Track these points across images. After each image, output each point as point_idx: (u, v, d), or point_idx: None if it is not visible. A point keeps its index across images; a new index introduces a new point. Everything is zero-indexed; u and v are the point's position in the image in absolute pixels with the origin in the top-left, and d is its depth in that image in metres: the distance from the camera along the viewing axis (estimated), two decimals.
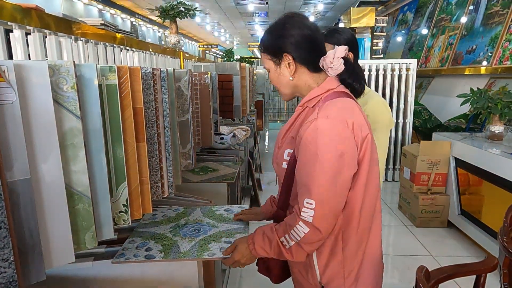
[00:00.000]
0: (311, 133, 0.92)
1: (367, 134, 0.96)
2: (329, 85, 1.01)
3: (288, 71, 1.02)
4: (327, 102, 0.97)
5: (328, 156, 0.90)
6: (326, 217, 0.92)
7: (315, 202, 0.90)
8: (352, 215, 0.98)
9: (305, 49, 1.00)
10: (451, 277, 1.09)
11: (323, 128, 0.91)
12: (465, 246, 2.78)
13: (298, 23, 1.00)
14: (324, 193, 0.90)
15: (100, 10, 9.98)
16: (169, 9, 3.08)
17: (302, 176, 0.95)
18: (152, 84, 1.16)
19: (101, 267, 1.12)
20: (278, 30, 1.02)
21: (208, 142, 1.98)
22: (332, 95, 0.99)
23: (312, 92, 1.02)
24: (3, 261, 0.72)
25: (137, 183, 1.07)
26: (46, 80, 0.79)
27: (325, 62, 1.00)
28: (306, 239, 0.94)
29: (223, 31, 17.44)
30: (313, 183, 0.91)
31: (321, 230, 0.92)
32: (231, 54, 12.06)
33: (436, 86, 5.08)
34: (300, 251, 0.97)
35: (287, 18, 1.03)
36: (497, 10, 3.98)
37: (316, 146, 0.90)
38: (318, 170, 0.90)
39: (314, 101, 1.01)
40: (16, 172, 0.75)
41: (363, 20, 4.82)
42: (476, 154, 2.65)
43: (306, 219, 0.92)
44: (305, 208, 0.92)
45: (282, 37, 1.01)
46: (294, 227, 0.95)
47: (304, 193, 0.93)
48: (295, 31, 0.99)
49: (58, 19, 1.52)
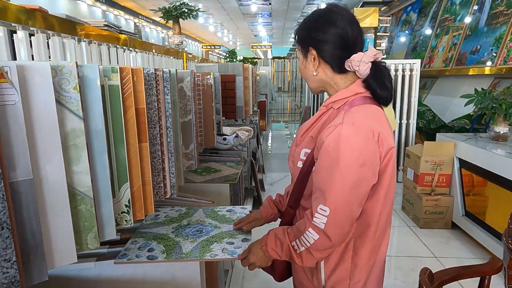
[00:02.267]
0: (334, 138, 0.88)
1: (392, 147, 0.92)
2: (358, 88, 0.96)
3: (312, 65, 1.00)
4: (354, 107, 0.93)
5: (349, 165, 0.86)
6: (339, 225, 0.90)
7: (329, 209, 0.88)
8: (368, 226, 0.95)
9: (332, 47, 0.95)
10: (455, 279, 1.08)
11: (347, 135, 0.87)
12: (470, 247, 2.76)
13: (332, 19, 0.95)
14: (340, 202, 0.88)
15: (104, 11, 10.04)
16: (172, 10, 3.08)
17: (319, 180, 0.92)
18: (154, 84, 1.16)
19: (104, 267, 1.12)
20: (310, 22, 0.99)
21: (211, 143, 1.98)
22: (360, 100, 0.95)
23: (339, 93, 0.98)
24: (6, 261, 0.72)
25: (140, 183, 1.07)
26: (49, 81, 0.79)
27: (351, 64, 0.95)
28: (316, 246, 0.92)
29: (226, 32, 17.47)
30: (330, 190, 0.88)
31: (331, 238, 0.90)
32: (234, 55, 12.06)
33: (440, 86, 5.06)
34: (310, 257, 0.95)
35: (325, 11, 0.98)
36: (502, 10, 3.96)
37: (337, 153, 0.87)
38: (337, 178, 0.87)
39: (340, 103, 0.97)
40: (18, 173, 0.75)
41: (366, 21, 4.80)
42: (481, 155, 2.63)
43: (318, 225, 0.90)
44: (318, 214, 0.90)
45: (311, 30, 0.98)
46: (304, 233, 0.93)
47: (319, 198, 0.90)
48: (325, 26, 0.95)
49: (62, 20, 1.52)
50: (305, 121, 1.10)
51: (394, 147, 0.93)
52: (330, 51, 0.96)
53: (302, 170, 1.00)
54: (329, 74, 0.99)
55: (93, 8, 9.54)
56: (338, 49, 0.96)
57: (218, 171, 2.20)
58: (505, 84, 3.69)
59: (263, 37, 19.15)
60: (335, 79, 0.99)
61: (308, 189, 1.00)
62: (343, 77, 0.99)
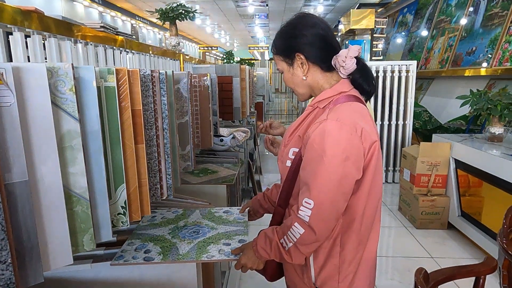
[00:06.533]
0: (318, 133, 0.91)
1: (375, 141, 0.95)
2: (342, 87, 1.01)
3: (301, 70, 1.03)
4: (338, 104, 0.97)
5: (333, 159, 0.89)
6: (323, 219, 0.92)
7: (313, 202, 0.91)
8: (353, 221, 0.98)
9: (317, 48, 1.00)
10: (450, 279, 1.09)
11: (331, 130, 0.90)
12: (466, 247, 2.78)
13: (309, 23, 1.00)
14: (323, 195, 0.90)
15: (101, 13, 10.02)
16: (169, 11, 3.08)
17: (304, 174, 0.95)
18: (151, 86, 1.16)
19: (100, 269, 1.12)
20: (289, 30, 1.03)
21: (208, 144, 1.98)
22: (344, 98, 0.99)
23: (323, 93, 1.02)
24: (1, 263, 0.72)
25: (136, 185, 1.07)
26: (45, 82, 0.79)
27: (337, 61, 0.99)
28: (302, 240, 0.94)
29: (223, 33, 17.48)
30: (314, 184, 0.91)
31: (315, 231, 0.92)
32: (231, 56, 12.07)
33: (436, 87, 5.08)
34: (298, 253, 0.97)
35: (298, 19, 1.03)
36: (497, 11, 3.99)
37: (322, 147, 0.90)
38: (321, 171, 0.90)
39: (325, 102, 1.01)
40: (14, 174, 0.75)
41: (362, 22, 4.82)
42: (476, 155, 2.65)
43: (303, 218, 0.92)
44: (303, 207, 0.92)
45: (294, 37, 1.01)
46: (290, 228, 0.95)
47: (305, 192, 0.93)
48: (307, 30, 0.99)
49: (58, 22, 1.52)
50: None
51: (377, 140, 0.96)
52: (317, 52, 1.00)
53: (291, 169, 1.02)
54: (319, 75, 1.03)
55: (90, 9, 9.52)
56: (323, 49, 1.00)
57: (215, 172, 2.20)
58: (501, 85, 3.72)
59: (260, 39, 19.18)
60: (321, 81, 1.03)
61: (297, 187, 1.02)
62: (328, 77, 1.03)
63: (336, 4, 9.98)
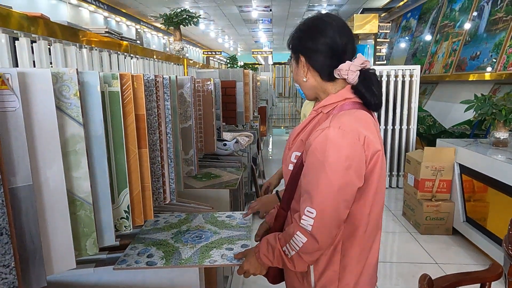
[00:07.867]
0: (321, 141, 0.90)
1: (378, 150, 0.94)
2: (347, 93, 0.99)
3: (303, 71, 1.03)
4: (342, 111, 0.96)
5: (334, 167, 0.88)
6: (325, 228, 0.91)
7: (316, 211, 0.90)
8: (356, 229, 0.97)
9: (320, 56, 0.98)
10: (455, 286, 1.08)
11: (333, 138, 0.89)
12: (471, 253, 2.75)
13: (320, 28, 0.98)
14: (326, 204, 0.89)
15: (106, 18, 10.12)
16: (173, 16, 3.11)
17: (306, 183, 0.94)
18: (154, 91, 1.16)
19: (103, 273, 1.12)
20: (301, 30, 1.02)
21: (211, 148, 1.98)
22: (349, 105, 0.97)
23: (328, 98, 1.00)
24: (4, 267, 0.72)
25: (139, 189, 1.07)
26: (49, 87, 0.79)
27: (340, 73, 0.97)
28: (304, 249, 0.93)
29: (227, 38, 17.56)
30: (316, 192, 0.90)
31: (318, 240, 0.91)
32: (234, 61, 12.12)
33: (440, 92, 5.06)
34: (300, 261, 0.96)
35: (312, 20, 1.01)
36: (501, 16, 3.98)
37: (324, 155, 0.89)
38: (322, 180, 0.89)
39: (329, 107, 1.00)
40: (18, 179, 0.76)
41: (366, 27, 4.83)
42: (481, 160, 2.63)
43: (305, 227, 0.92)
44: (305, 216, 0.92)
45: (301, 39, 1.01)
46: (293, 237, 0.95)
47: (306, 200, 0.93)
48: (315, 36, 0.98)
49: (63, 27, 1.54)
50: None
51: (380, 150, 0.94)
52: (319, 60, 0.99)
53: (293, 173, 1.02)
54: (318, 81, 1.02)
55: (95, 14, 9.62)
56: (327, 58, 0.98)
57: (218, 177, 2.20)
58: (505, 90, 3.70)
59: (263, 43, 19.25)
60: (325, 86, 1.02)
61: (299, 191, 1.01)
62: (332, 84, 1.01)
63: (340, 9, 10.01)
